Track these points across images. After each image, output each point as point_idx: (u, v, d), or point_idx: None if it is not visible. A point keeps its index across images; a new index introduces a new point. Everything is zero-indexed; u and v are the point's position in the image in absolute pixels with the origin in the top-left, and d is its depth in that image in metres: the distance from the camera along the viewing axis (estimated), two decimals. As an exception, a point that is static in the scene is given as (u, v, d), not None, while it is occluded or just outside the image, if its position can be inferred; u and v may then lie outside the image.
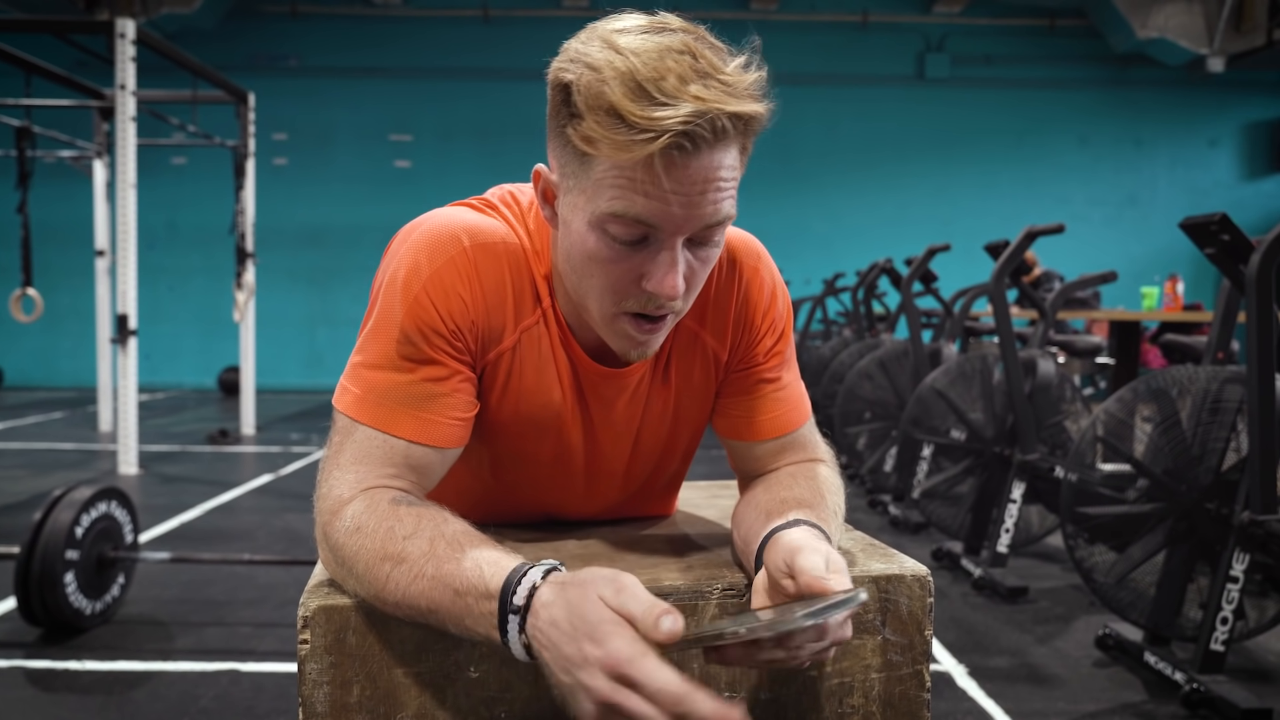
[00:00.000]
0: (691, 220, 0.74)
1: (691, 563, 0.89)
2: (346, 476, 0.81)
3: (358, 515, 0.78)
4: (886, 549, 0.94)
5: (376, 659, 0.77)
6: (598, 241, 0.76)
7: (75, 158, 6.93)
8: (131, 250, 4.97)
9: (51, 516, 2.53)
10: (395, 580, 0.73)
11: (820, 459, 0.98)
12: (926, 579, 0.85)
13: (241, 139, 6.37)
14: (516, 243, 0.87)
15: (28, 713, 2.09)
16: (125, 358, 4.99)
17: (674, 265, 0.76)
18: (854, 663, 0.84)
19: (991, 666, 2.45)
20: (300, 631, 0.76)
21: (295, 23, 10.13)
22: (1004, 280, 3.12)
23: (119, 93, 4.86)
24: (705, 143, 0.71)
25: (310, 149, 10.14)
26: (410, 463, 0.83)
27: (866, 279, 5.27)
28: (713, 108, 0.70)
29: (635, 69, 0.69)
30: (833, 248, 10.07)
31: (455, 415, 0.84)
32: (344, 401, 0.84)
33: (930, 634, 0.86)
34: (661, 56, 0.70)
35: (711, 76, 0.71)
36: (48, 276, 9.01)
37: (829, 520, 0.85)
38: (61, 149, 7.18)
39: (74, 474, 4.98)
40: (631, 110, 0.69)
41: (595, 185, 0.74)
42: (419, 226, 0.86)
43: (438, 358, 0.83)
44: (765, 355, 0.95)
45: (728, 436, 0.98)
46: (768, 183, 10.41)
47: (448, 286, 0.83)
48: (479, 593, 0.69)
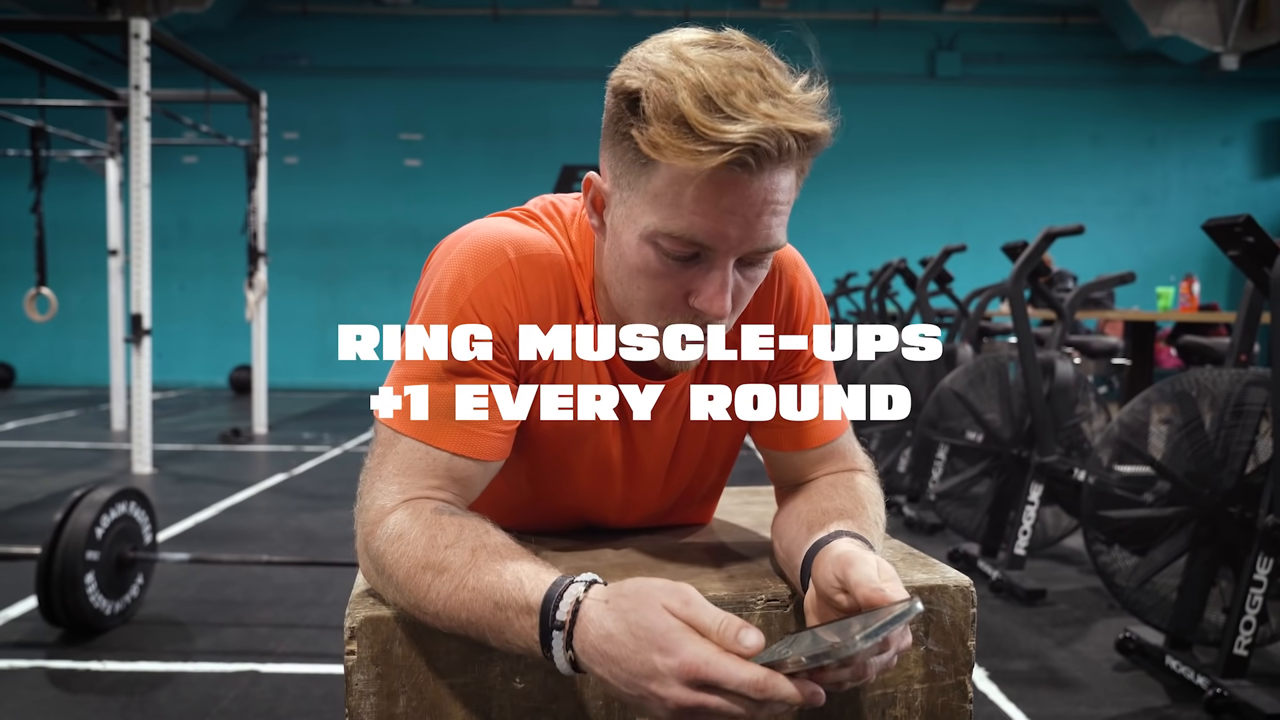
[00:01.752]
0: (745, 243, 0.74)
1: (733, 572, 0.89)
2: (389, 488, 0.81)
3: (400, 524, 0.78)
4: (926, 559, 0.94)
5: (422, 670, 0.77)
6: (648, 255, 0.76)
7: (89, 157, 6.96)
8: (145, 250, 4.98)
9: (72, 517, 2.54)
10: (436, 590, 0.73)
11: (859, 468, 0.98)
12: (969, 589, 0.85)
13: (254, 138, 6.39)
14: (560, 254, 0.87)
15: (50, 713, 2.10)
16: (139, 357, 5.00)
17: (724, 286, 0.76)
18: (897, 673, 0.83)
19: (1011, 670, 2.44)
20: (347, 642, 0.76)
21: (306, 22, 10.14)
22: (1023, 281, 3.11)
23: (133, 93, 4.87)
24: (769, 161, 0.71)
25: (321, 148, 10.16)
26: (453, 475, 0.82)
27: (880, 279, 5.26)
28: (781, 125, 0.70)
29: (706, 81, 0.69)
30: (843, 247, 10.04)
31: (498, 428, 0.84)
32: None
33: (973, 644, 0.85)
34: (731, 72, 0.70)
35: (780, 95, 0.71)
36: (61, 276, 9.03)
37: (871, 530, 0.85)
38: (75, 149, 7.20)
39: (88, 473, 5.00)
40: (702, 121, 0.69)
41: (652, 199, 0.74)
42: (464, 238, 0.86)
43: (482, 370, 0.83)
44: (805, 365, 0.94)
45: (767, 447, 0.98)
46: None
47: (493, 298, 0.83)
48: (519, 607, 0.69)
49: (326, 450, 5.92)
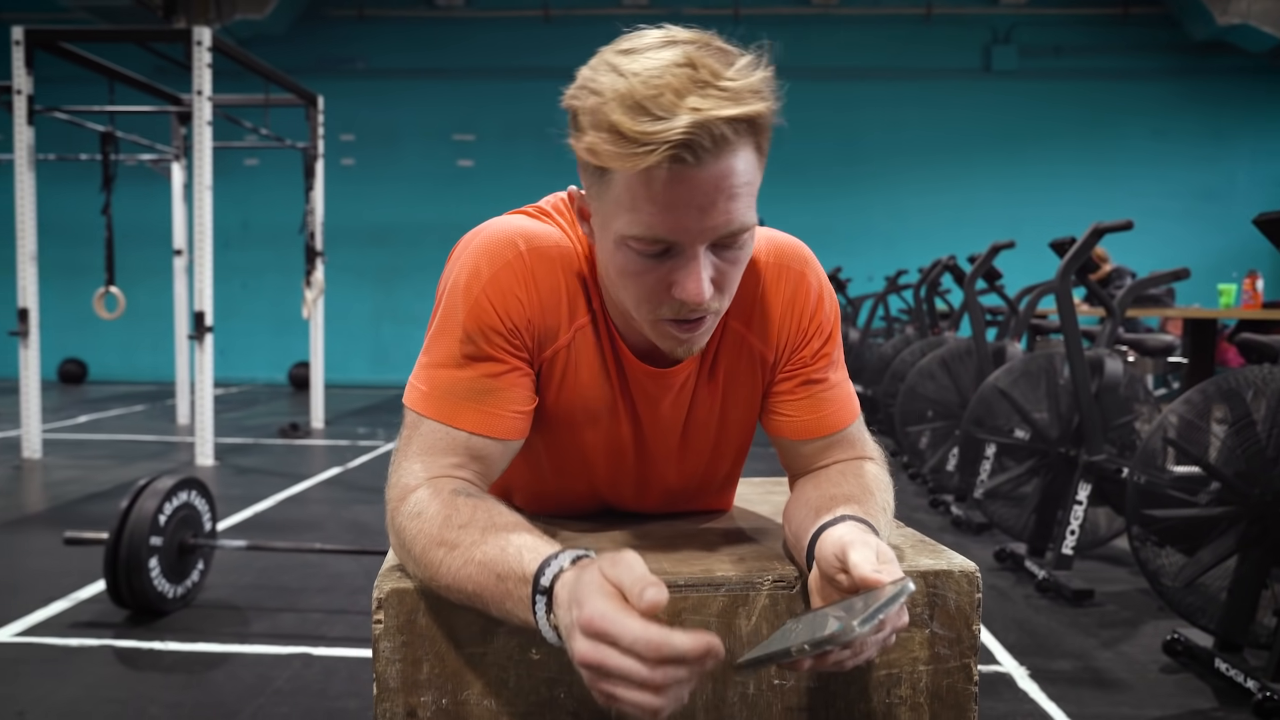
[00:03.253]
0: (706, 231, 0.77)
1: (744, 554, 0.92)
2: (413, 467, 0.87)
3: (420, 502, 0.83)
4: (936, 545, 0.96)
5: (444, 640, 0.81)
6: (624, 257, 0.80)
7: (155, 161, 7.21)
8: (208, 249, 5.16)
9: (137, 505, 2.66)
10: (447, 564, 0.78)
11: (869, 456, 1.00)
12: (974, 575, 0.87)
13: (311, 141, 6.56)
14: (570, 246, 0.92)
15: (116, 689, 2.21)
16: (202, 353, 5.19)
17: (697, 274, 0.79)
18: (902, 654, 0.86)
19: (1054, 669, 2.42)
20: (375, 612, 0.81)
21: (362, 26, 10.37)
22: (1069, 278, 3.07)
23: (195, 98, 5.05)
24: (707, 152, 0.73)
25: (376, 149, 10.37)
26: (473, 453, 0.88)
27: (929, 276, 5.21)
28: (709, 116, 0.72)
29: (634, 89, 0.73)
30: (896, 244, 9.94)
31: (514, 409, 0.89)
32: (412, 398, 0.89)
33: (978, 629, 0.87)
34: (661, 74, 0.73)
35: (710, 85, 0.73)
36: (129, 275, 9.36)
37: (877, 516, 0.87)
38: (142, 153, 7.47)
39: (154, 465, 5.20)
40: (630, 127, 0.72)
41: (614, 205, 0.78)
42: (479, 234, 0.91)
43: (497, 355, 0.88)
44: (813, 357, 0.97)
45: (777, 435, 1.01)
46: (831, 179, 10.33)
47: (505, 289, 0.88)
48: (517, 577, 0.73)
49: (380, 445, 6.06)
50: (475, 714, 0.82)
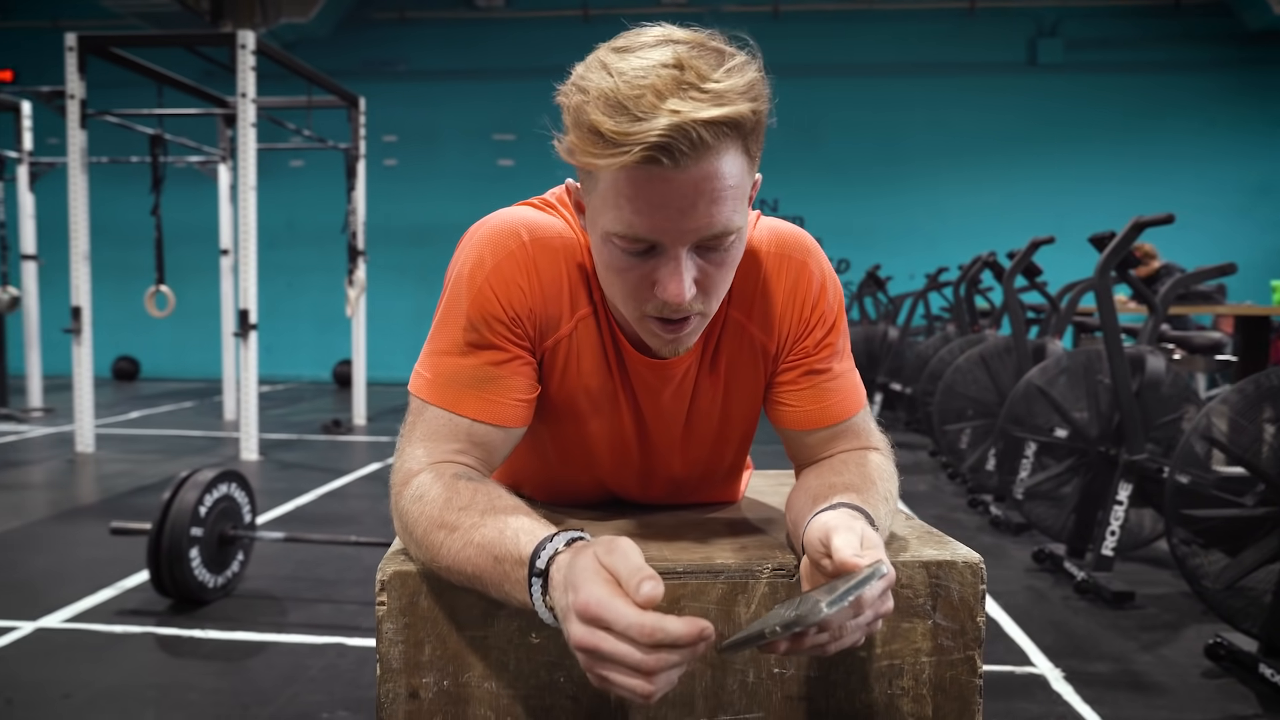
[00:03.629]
0: (687, 233, 0.77)
1: (746, 544, 0.92)
2: (417, 452, 0.88)
3: (422, 485, 0.85)
4: (942, 536, 0.95)
5: (445, 622, 0.83)
6: (610, 253, 0.81)
7: (202, 162, 7.38)
8: (252, 249, 5.27)
9: (178, 496, 2.73)
10: (447, 547, 0.79)
11: (873, 447, 1.00)
12: (978, 565, 0.86)
13: (353, 142, 6.66)
14: (573, 237, 0.93)
15: (157, 675, 2.27)
16: (246, 351, 5.30)
17: (677, 274, 0.79)
18: (904, 645, 0.85)
19: (1090, 672, 2.38)
20: (378, 594, 0.83)
21: (404, 28, 10.50)
22: (1109, 273, 3.01)
23: (240, 100, 5.16)
24: (686, 156, 0.73)
25: (418, 150, 10.50)
26: (474, 439, 0.89)
27: (968, 273, 5.14)
28: (688, 119, 0.71)
29: (617, 88, 0.73)
30: (938, 242, 9.81)
31: (516, 396, 0.90)
32: (416, 385, 0.91)
33: (982, 621, 0.86)
34: (646, 74, 0.73)
35: (694, 86, 0.73)
36: (179, 274, 9.58)
37: (877, 505, 0.87)
38: (190, 155, 7.65)
39: (200, 459, 5.32)
40: (608, 127, 0.73)
41: (600, 203, 0.79)
42: (484, 225, 0.93)
43: (499, 343, 0.89)
44: (816, 347, 0.97)
45: (781, 426, 1.01)
46: (871, 177, 10.23)
47: (508, 278, 0.89)
48: (514, 559, 0.74)
49: (419, 441, 6.13)
50: (476, 696, 0.83)
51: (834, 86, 10.20)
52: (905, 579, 0.85)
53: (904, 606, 0.85)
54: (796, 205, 10.50)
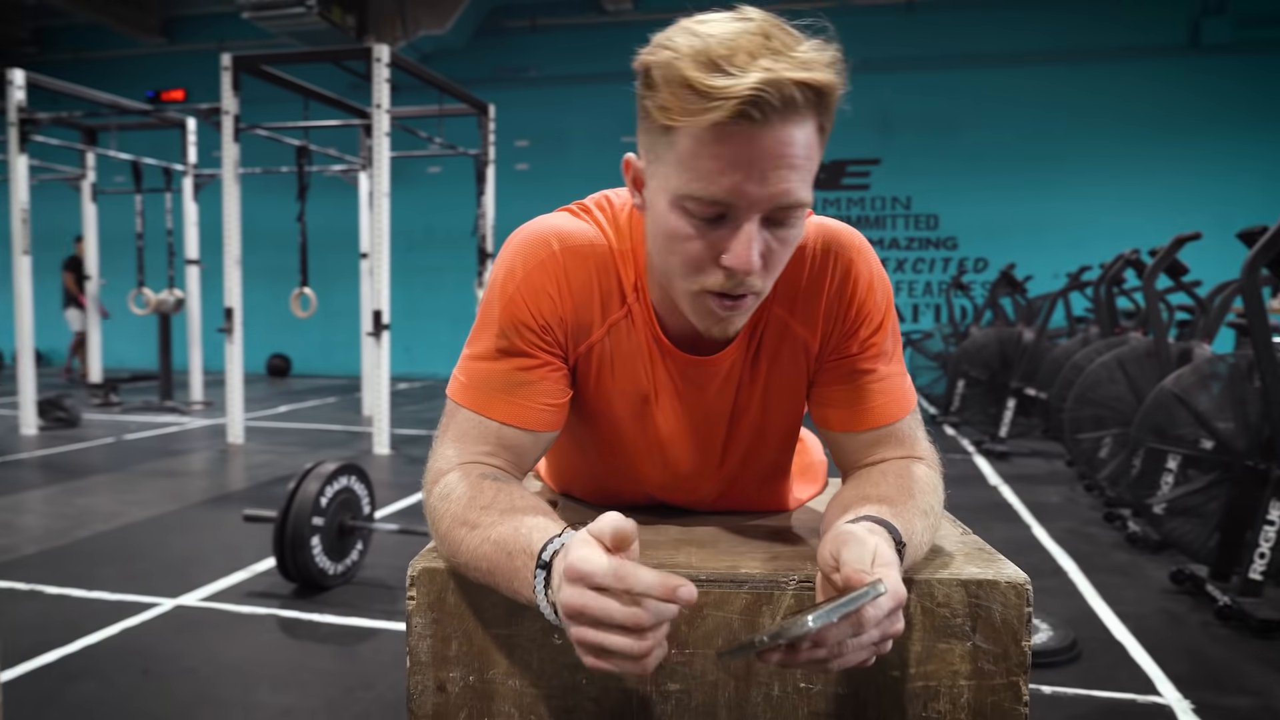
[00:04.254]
0: (764, 198, 0.77)
1: (779, 553, 0.90)
2: (448, 452, 0.91)
3: (450, 484, 0.87)
4: (992, 554, 0.90)
5: (471, 619, 0.84)
6: (678, 219, 0.80)
7: (344, 171, 7.80)
8: (385, 252, 5.52)
9: (302, 487, 2.90)
10: (467, 543, 0.81)
11: (919, 456, 0.95)
12: (1023, 587, 0.81)
13: (482, 148, 6.89)
14: (604, 245, 0.93)
15: (276, 654, 2.42)
16: (379, 349, 5.56)
17: (750, 241, 0.78)
18: (940, 666, 0.81)
19: (1226, 706, 2.19)
20: (408, 589, 0.85)
21: (535, 35, 10.78)
22: (1258, 272, 2.76)
23: (375, 111, 5.42)
24: (775, 112, 0.73)
25: (548, 154, 10.75)
26: (503, 442, 0.91)
27: (1109, 272, 4.83)
28: (782, 76, 0.72)
29: (709, 47, 0.73)
30: (1085, 240, 9.27)
31: (544, 401, 0.91)
32: (452, 388, 0.93)
33: (1028, 645, 0.81)
34: (736, 36, 0.74)
35: (783, 53, 0.73)
36: (326, 277, 10.18)
37: (912, 519, 0.83)
38: (333, 164, 8.09)
39: (337, 452, 5.62)
40: (701, 80, 0.73)
41: (676, 165, 0.78)
42: (519, 233, 0.94)
43: (529, 350, 0.91)
44: (860, 346, 0.94)
45: (822, 427, 0.98)
46: (1012, 171, 9.77)
47: (538, 287, 0.90)
48: (525, 554, 0.75)
49: (541, 439, 6.27)
50: (500, 693, 0.84)
51: (972, 78, 9.79)
52: (942, 597, 0.81)
53: (940, 626, 0.81)
54: (931, 203, 10.15)
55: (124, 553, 3.34)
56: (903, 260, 10.33)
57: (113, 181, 9.71)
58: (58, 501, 4.19)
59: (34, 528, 3.69)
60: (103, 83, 8.14)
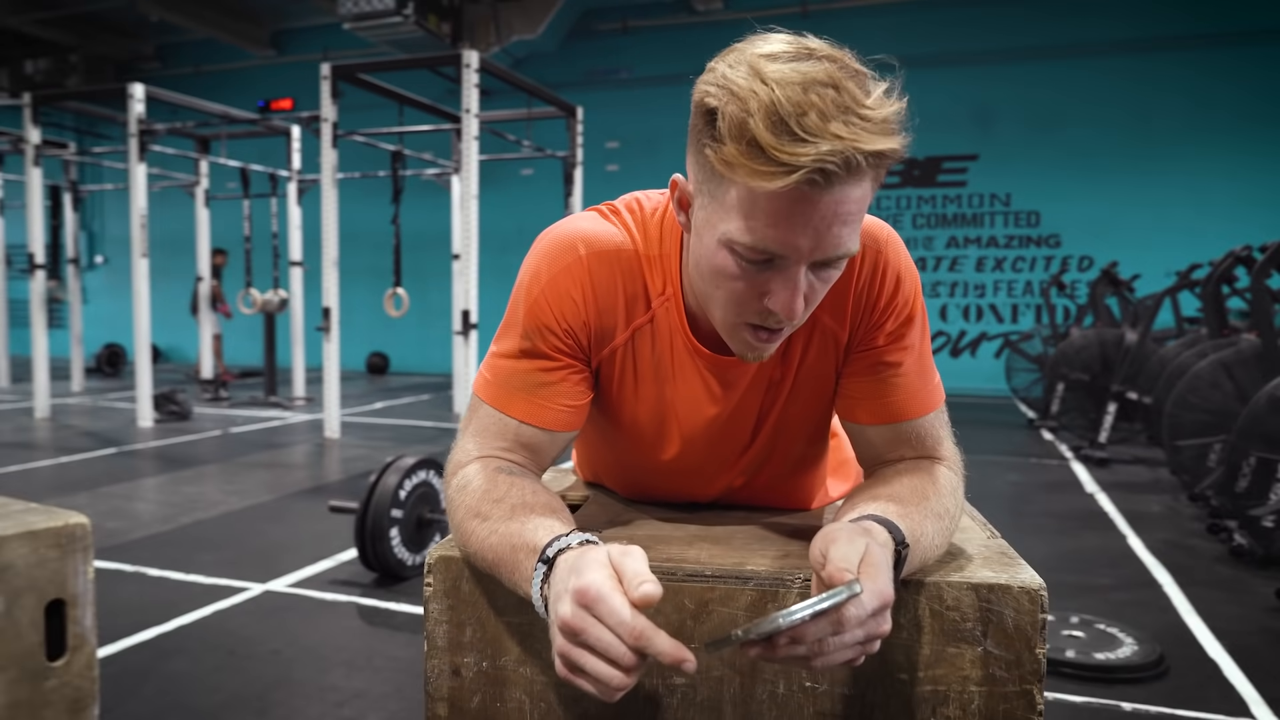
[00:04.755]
0: (816, 252, 0.76)
1: (790, 551, 0.89)
2: (468, 445, 0.94)
3: (467, 476, 0.90)
4: (1013, 558, 0.87)
5: (485, 606, 0.87)
6: (725, 259, 0.80)
7: (438, 174, 8.02)
8: (473, 253, 5.66)
9: (382, 481, 3.00)
10: (477, 534, 0.83)
11: (940, 458, 0.93)
12: (1038, 593, 0.78)
13: (570, 150, 6.98)
14: (631, 249, 0.94)
15: (353, 639, 2.52)
16: (466, 348, 5.71)
17: (796, 290, 0.78)
18: (949, 671, 0.79)
19: (1325, 729, 2.06)
20: (426, 575, 0.88)
21: (626, 38, 10.85)
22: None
23: (464, 115, 5.56)
24: (839, 179, 0.72)
25: (639, 155, 10.81)
26: (521, 440, 0.93)
27: (1218, 270, 4.57)
28: (850, 146, 0.70)
29: (779, 102, 0.71)
30: (1200, 236, 8.78)
31: (563, 402, 0.93)
32: (477, 384, 0.96)
33: (1042, 653, 0.78)
34: (806, 90, 0.71)
35: (853, 112, 0.71)
36: (422, 278, 10.51)
37: (922, 521, 0.81)
38: (427, 168, 8.33)
39: (426, 447, 5.79)
40: (773, 144, 0.71)
41: (728, 209, 0.77)
42: (546, 235, 0.96)
43: (550, 353, 0.93)
44: (887, 339, 0.93)
45: (843, 418, 0.97)
46: (1119, 165, 9.34)
47: (562, 291, 0.92)
48: (529, 549, 0.77)
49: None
50: (512, 679, 0.86)
51: (1076, 68, 9.40)
52: (952, 600, 0.79)
53: (950, 630, 0.79)
54: (1031, 199, 9.79)
55: (222, 539, 3.52)
56: (1001, 259, 9.99)
57: (225, 187, 10.24)
58: (166, 490, 4.45)
59: (143, 514, 3.93)
60: (218, 94, 8.61)
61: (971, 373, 10.07)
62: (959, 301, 10.19)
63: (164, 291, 10.30)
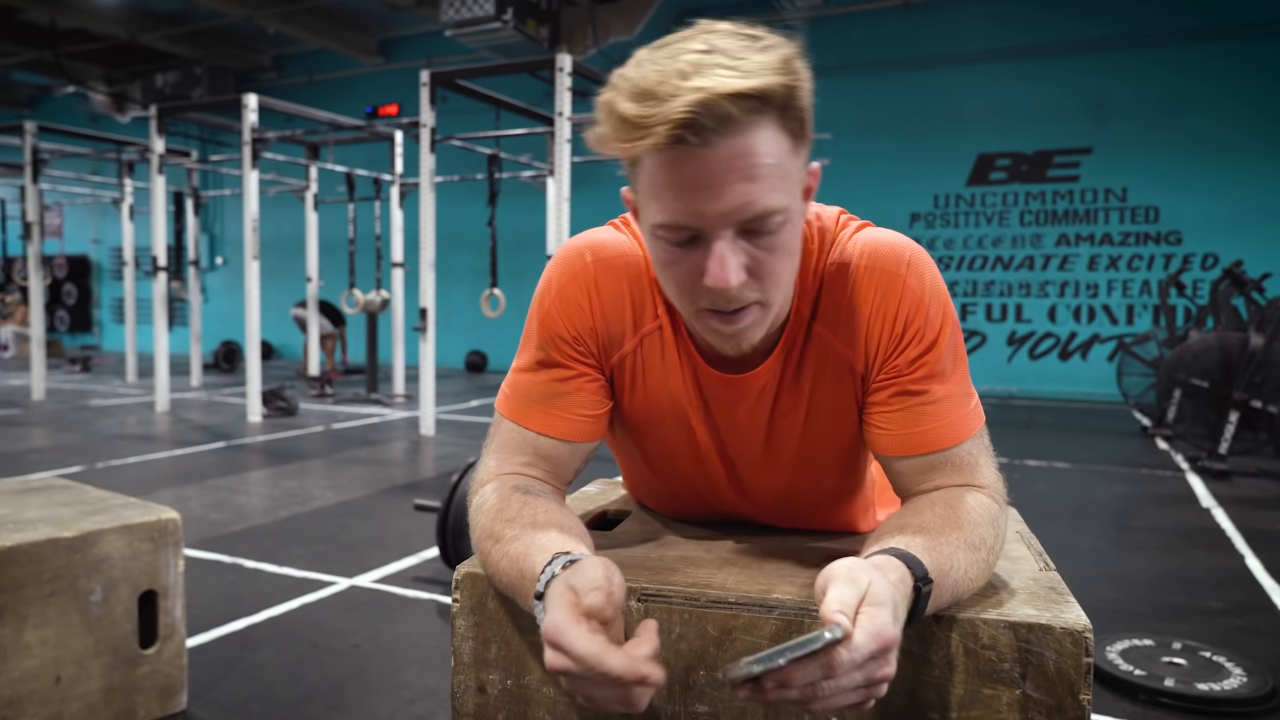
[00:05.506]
0: (725, 215, 0.74)
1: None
2: (489, 462, 0.94)
3: (485, 495, 0.90)
4: (1062, 595, 0.81)
5: (509, 624, 0.87)
6: (659, 248, 0.80)
7: (534, 176, 8.14)
8: (564, 255, 5.72)
9: (463, 480, 3.06)
10: (491, 556, 0.83)
11: (977, 485, 0.88)
12: (1082, 635, 0.73)
13: (662, 151, 6.99)
14: (639, 257, 0.93)
15: (429, 637, 2.57)
16: (557, 348, 5.77)
17: (722, 259, 0.76)
18: (985, 713, 0.74)
19: None
20: (453, 591, 0.89)
21: (725, 37, 10.79)
22: None
23: (557, 118, 5.64)
24: (713, 132, 0.71)
25: (734, 154, 10.74)
26: (540, 453, 0.92)
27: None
28: (710, 93, 0.69)
29: (645, 76, 0.72)
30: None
31: (580, 412, 0.92)
32: (498, 400, 0.97)
33: (1086, 699, 0.73)
34: (673, 59, 0.72)
35: (720, 65, 0.70)
36: (519, 278, 10.69)
37: (953, 553, 0.76)
38: (523, 170, 8.47)
39: (518, 446, 5.88)
40: (633, 111, 0.72)
41: (646, 198, 0.78)
42: (560, 248, 0.97)
43: (564, 361, 0.92)
44: (910, 365, 0.88)
45: (873, 450, 0.93)
46: (1247, 155, 8.76)
47: (571, 299, 0.92)
48: (531, 576, 0.77)
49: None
50: (535, 698, 0.86)
51: (1195, 53, 8.86)
52: (987, 639, 0.75)
53: (985, 670, 0.75)
54: (1149, 194, 9.28)
55: (315, 533, 3.65)
56: (1116, 257, 9.51)
57: (334, 191, 10.66)
58: (268, 483, 4.65)
59: (244, 506, 4.12)
60: (330, 101, 8.95)
61: (1081, 377, 9.63)
62: (1069, 302, 9.75)
63: (276, 290, 10.79)
